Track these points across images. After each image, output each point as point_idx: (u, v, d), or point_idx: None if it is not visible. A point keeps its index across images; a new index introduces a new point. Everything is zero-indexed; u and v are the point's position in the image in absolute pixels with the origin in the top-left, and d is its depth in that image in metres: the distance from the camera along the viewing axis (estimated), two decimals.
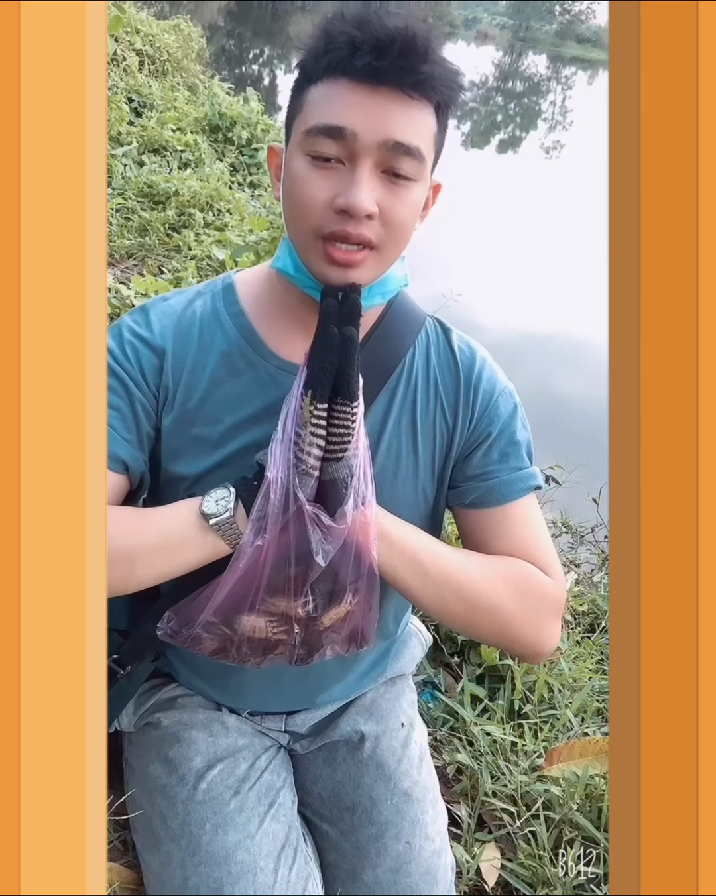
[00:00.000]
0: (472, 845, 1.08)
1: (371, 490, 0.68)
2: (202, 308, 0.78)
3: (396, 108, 0.62)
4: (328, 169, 0.64)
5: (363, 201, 0.62)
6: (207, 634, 0.71)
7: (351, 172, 0.63)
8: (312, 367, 0.63)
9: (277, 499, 0.64)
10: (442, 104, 0.66)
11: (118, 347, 0.75)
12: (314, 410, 0.63)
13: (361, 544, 0.68)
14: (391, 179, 0.64)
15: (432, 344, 0.81)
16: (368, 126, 0.62)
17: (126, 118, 4.60)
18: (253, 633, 0.71)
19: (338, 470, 0.65)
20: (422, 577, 0.73)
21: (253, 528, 0.65)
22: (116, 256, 3.10)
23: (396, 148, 0.63)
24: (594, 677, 1.43)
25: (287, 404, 0.65)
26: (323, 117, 0.63)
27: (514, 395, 0.83)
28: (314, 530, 0.64)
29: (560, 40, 65.23)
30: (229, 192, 3.97)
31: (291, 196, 0.66)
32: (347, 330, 0.62)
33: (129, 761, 0.94)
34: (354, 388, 0.64)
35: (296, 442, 0.64)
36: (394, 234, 0.66)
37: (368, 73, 0.61)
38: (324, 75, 0.63)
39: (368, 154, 0.63)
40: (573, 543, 2.39)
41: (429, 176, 0.69)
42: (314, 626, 0.72)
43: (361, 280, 0.67)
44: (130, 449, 0.75)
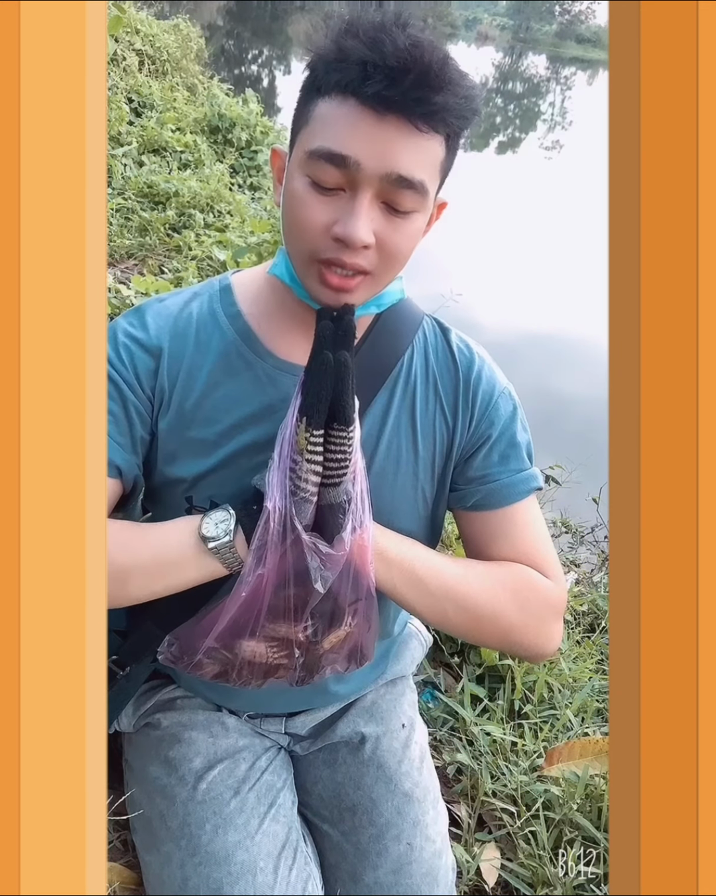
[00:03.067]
0: (472, 845, 1.08)
1: (368, 513, 0.68)
2: (199, 309, 0.78)
3: (402, 139, 0.60)
4: (329, 195, 0.63)
5: (361, 232, 0.62)
6: (208, 660, 0.71)
7: (351, 201, 0.62)
8: (306, 394, 0.62)
9: (276, 528, 0.64)
10: (452, 134, 0.64)
11: (112, 350, 0.75)
12: (310, 437, 0.63)
13: (358, 567, 0.68)
14: (391, 211, 0.64)
15: (431, 344, 0.81)
16: (373, 157, 0.60)
17: (126, 118, 4.60)
18: (254, 658, 0.71)
19: (336, 495, 0.65)
20: (422, 591, 0.73)
21: (254, 557, 0.65)
22: (116, 256, 3.09)
23: (399, 182, 0.61)
24: (594, 677, 1.43)
25: (282, 431, 0.65)
26: (328, 142, 0.61)
27: (513, 395, 0.83)
28: (313, 558, 0.64)
29: (560, 40, 65.25)
30: (230, 193, 3.97)
31: (290, 216, 0.66)
32: (341, 355, 0.62)
33: (128, 762, 0.94)
34: (350, 413, 0.63)
35: (293, 469, 0.64)
36: (389, 263, 0.66)
37: (377, 101, 0.59)
38: (333, 91, 0.61)
39: (370, 184, 0.62)
40: (573, 543, 2.39)
41: (432, 203, 0.68)
42: (314, 650, 0.72)
43: (354, 301, 0.67)
44: (124, 453, 0.75)
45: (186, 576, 0.69)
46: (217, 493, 0.76)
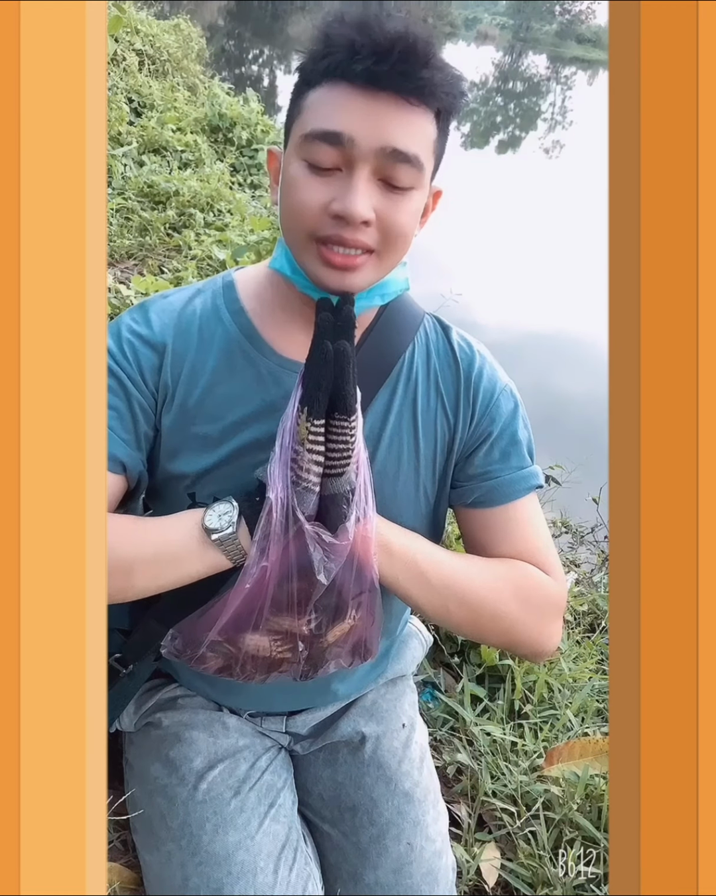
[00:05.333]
0: (472, 845, 1.08)
1: (371, 504, 0.68)
2: (202, 306, 0.78)
3: (395, 114, 0.62)
4: (325, 175, 0.63)
5: (359, 207, 0.62)
6: (212, 654, 0.71)
7: (348, 178, 0.63)
8: (307, 384, 0.62)
9: (279, 519, 0.64)
10: (443, 110, 0.65)
11: (117, 347, 0.75)
12: (311, 427, 0.62)
13: (362, 559, 0.67)
14: (389, 187, 0.64)
15: (432, 342, 0.81)
16: (366, 132, 0.61)
17: (126, 118, 4.60)
18: (257, 652, 0.71)
19: (339, 485, 0.65)
20: (424, 586, 0.73)
21: (257, 549, 0.65)
22: (116, 256, 3.09)
23: (394, 155, 0.62)
24: (594, 677, 1.43)
25: (284, 422, 0.65)
26: (321, 122, 0.62)
27: (514, 393, 0.83)
28: (316, 549, 0.64)
29: (560, 40, 65.19)
30: (230, 192, 3.97)
31: (287, 199, 0.66)
32: (340, 344, 0.62)
33: (129, 761, 0.94)
34: (351, 403, 0.63)
35: (294, 459, 0.64)
36: (392, 241, 0.66)
37: (367, 77, 0.60)
38: (323, 79, 0.62)
39: (366, 160, 0.62)
40: (573, 543, 2.39)
41: (429, 183, 0.69)
42: (318, 644, 0.71)
43: (357, 284, 0.67)
44: (128, 449, 0.75)
45: (190, 568, 0.69)
46: (220, 489, 0.76)
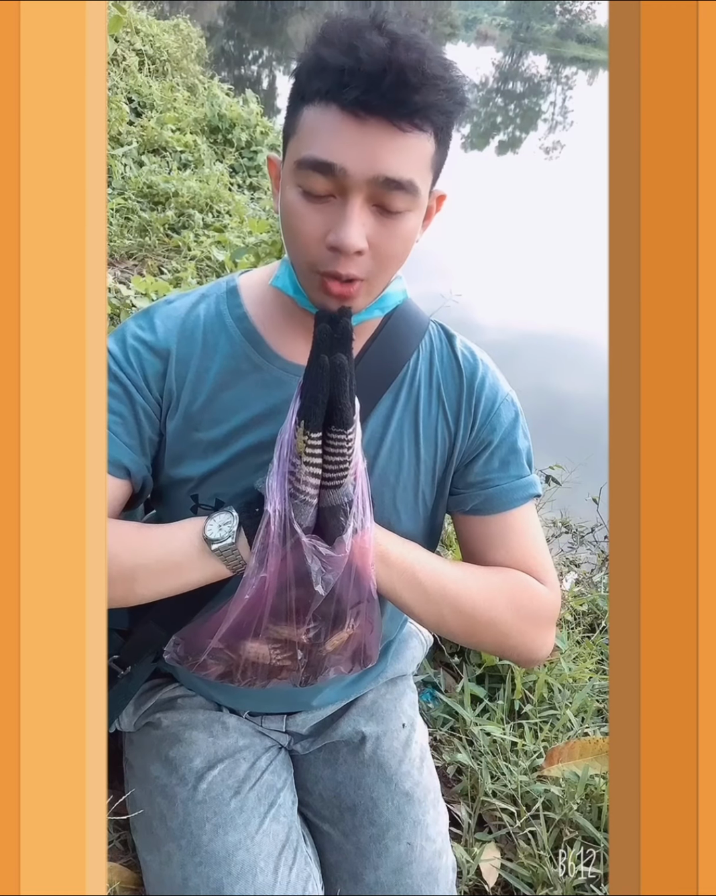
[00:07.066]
0: (472, 845, 1.08)
1: (369, 514, 0.68)
2: (206, 311, 0.78)
3: (386, 141, 0.60)
4: (320, 202, 0.63)
5: (352, 238, 0.62)
6: (213, 660, 0.72)
7: (342, 207, 0.62)
8: (304, 397, 0.62)
9: (277, 531, 0.64)
10: (440, 128, 0.64)
11: (121, 353, 0.75)
12: (308, 440, 0.63)
13: (360, 569, 0.68)
14: (383, 212, 0.64)
15: (436, 349, 0.81)
16: (358, 162, 0.60)
17: (126, 118, 4.60)
18: (257, 660, 0.72)
19: (337, 497, 0.65)
20: (421, 595, 0.73)
21: (256, 560, 0.65)
22: (116, 256, 3.10)
23: (387, 184, 0.61)
24: (594, 677, 1.43)
25: (282, 435, 0.65)
26: (313, 150, 0.61)
27: (516, 402, 0.83)
28: (313, 560, 0.65)
29: (560, 40, 65.22)
30: (229, 194, 3.97)
31: (287, 227, 0.67)
32: (337, 357, 0.62)
33: (129, 761, 0.94)
34: (348, 416, 0.63)
35: (292, 472, 0.64)
36: (382, 267, 0.66)
37: (358, 105, 0.59)
38: (316, 98, 0.61)
39: (359, 189, 0.62)
40: (573, 543, 2.39)
41: (425, 200, 0.68)
42: (318, 652, 0.72)
43: (356, 306, 0.67)
44: (133, 454, 0.75)
45: (190, 576, 0.70)
46: (223, 491, 0.76)
